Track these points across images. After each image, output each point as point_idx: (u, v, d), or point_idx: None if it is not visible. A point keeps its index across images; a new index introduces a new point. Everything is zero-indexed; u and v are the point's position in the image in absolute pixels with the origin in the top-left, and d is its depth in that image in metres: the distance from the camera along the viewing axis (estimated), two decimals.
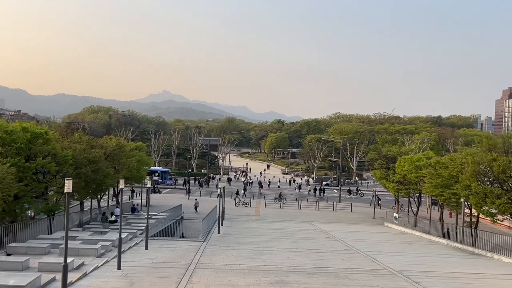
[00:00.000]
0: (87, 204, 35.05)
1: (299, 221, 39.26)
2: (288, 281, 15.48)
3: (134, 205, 36.99)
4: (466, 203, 27.21)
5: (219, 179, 76.01)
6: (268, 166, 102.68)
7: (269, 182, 70.01)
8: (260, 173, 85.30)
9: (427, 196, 42.26)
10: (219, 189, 34.29)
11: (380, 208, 48.14)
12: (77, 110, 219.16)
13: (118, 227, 27.30)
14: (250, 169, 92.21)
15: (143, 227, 26.65)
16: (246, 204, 47.06)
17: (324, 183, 70.86)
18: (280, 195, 51.57)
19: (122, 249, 20.65)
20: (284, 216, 41.86)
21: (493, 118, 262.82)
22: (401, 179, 38.49)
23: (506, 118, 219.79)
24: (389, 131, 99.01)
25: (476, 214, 28.84)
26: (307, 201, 52.16)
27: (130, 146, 41.13)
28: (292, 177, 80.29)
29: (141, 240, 23.62)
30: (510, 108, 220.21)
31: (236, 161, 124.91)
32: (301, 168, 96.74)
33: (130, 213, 35.32)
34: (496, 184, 24.10)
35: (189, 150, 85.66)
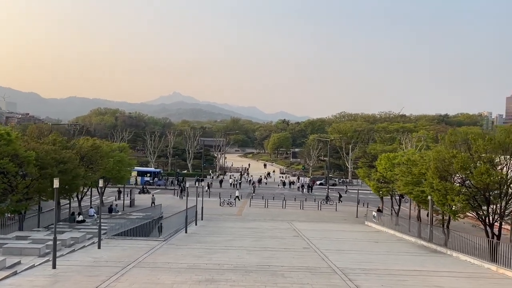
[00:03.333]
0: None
1: (279, 220, 39.09)
2: (218, 279, 15.44)
3: (111, 205, 37.24)
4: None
5: (212, 177, 76.38)
6: (265, 166, 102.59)
7: (260, 181, 70.46)
8: (268, 173, 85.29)
9: None
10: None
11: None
12: (88, 113, 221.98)
13: (85, 227, 27.79)
14: (247, 169, 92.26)
15: (109, 227, 26.88)
16: (230, 204, 47.07)
17: (318, 182, 70.69)
18: (327, 196, 52.68)
19: (73, 249, 21.05)
20: (265, 216, 41.74)
21: (504, 116, 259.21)
22: (381, 177, 38.13)
23: None
24: (387, 129, 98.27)
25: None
26: (294, 200, 51.94)
27: (111, 147, 41.41)
28: (288, 177, 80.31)
29: (101, 239, 23.73)
30: None
31: (239, 161, 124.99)
32: (297, 168, 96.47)
33: (107, 213, 35.55)
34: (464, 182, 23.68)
35: (186, 151, 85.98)
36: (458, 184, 23.52)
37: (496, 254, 20.28)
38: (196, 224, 33.74)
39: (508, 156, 22.30)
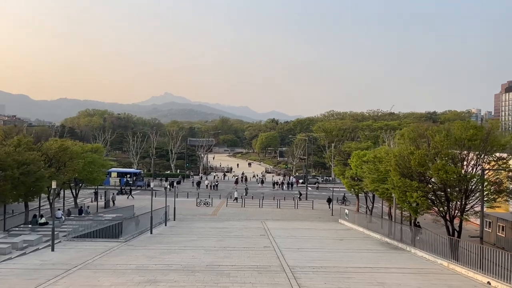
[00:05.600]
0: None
1: (253, 219, 38.86)
2: (160, 280, 15.25)
3: (81, 206, 36.86)
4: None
5: (193, 176, 76.07)
6: (249, 164, 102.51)
7: (242, 180, 70.38)
8: (263, 174, 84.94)
9: None
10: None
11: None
12: (76, 114, 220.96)
13: (46, 229, 27.34)
14: (231, 168, 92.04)
15: (72, 229, 26.55)
16: (207, 204, 46.81)
17: (300, 181, 70.67)
18: (344, 197, 51.66)
19: (24, 252, 20.72)
20: (240, 215, 41.54)
21: (492, 113, 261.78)
22: (353, 175, 38.10)
23: (503, 112, 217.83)
24: (372, 127, 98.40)
25: None
26: (273, 199, 51.79)
27: (83, 148, 40.99)
28: (273, 176, 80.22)
29: (59, 241, 23.41)
30: (507, 102, 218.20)
31: (228, 161, 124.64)
32: (281, 167, 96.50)
33: (77, 215, 35.14)
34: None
35: (169, 151, 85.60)
36: (425, 182, 23.46)
37: (457, 250, 20.23)
38: (165, 225, 33.48)
39: (465, 152, 22.31)
